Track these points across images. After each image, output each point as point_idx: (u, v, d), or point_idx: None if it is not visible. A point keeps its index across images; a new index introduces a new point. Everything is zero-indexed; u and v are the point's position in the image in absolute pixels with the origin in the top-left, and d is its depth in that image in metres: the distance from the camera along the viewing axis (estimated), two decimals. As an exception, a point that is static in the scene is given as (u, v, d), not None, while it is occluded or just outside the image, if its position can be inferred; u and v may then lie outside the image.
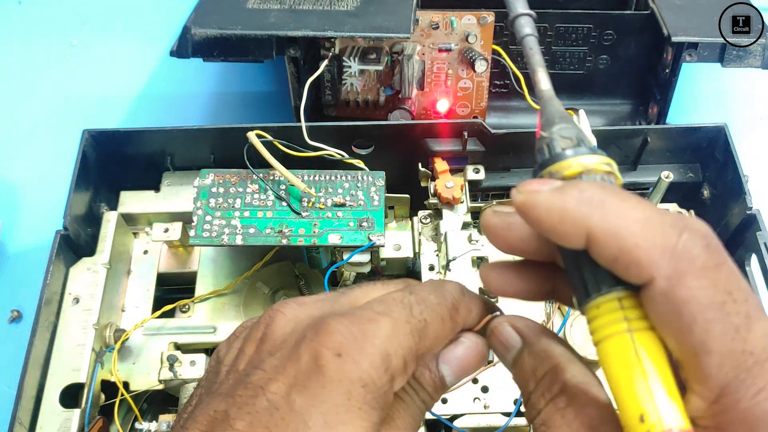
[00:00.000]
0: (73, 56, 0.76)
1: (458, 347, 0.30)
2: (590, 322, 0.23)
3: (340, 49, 0.56)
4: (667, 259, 0.21)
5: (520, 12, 0.29)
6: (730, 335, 0.21)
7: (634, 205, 0.22)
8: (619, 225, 0.22)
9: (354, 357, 0.26)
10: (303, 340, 0.27)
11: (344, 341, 0.26)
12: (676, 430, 0.21)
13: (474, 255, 0.51)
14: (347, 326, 0.27)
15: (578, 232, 0.22)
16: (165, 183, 0.55)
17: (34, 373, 0.45)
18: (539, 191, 0.24)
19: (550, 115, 0.27)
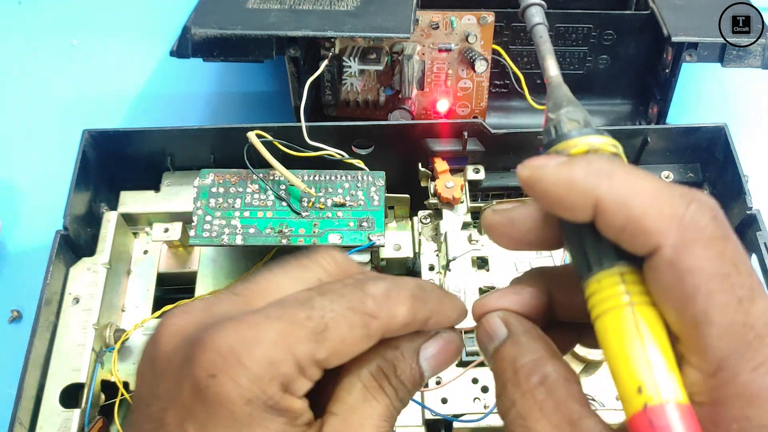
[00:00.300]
0: (73, 56, 0.76)
1: (435, 342, 0.28)
2: (590, 298, 0.23)
3: (340, 49, 0.56)
4: (674, 227, 0.21)
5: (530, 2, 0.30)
6: (732, 307, 0.21)
7: (642, 177, 0.22)
8: (627, 194, 0.22)
9: (229, 375, 0.24)
10: (186, 361, 0.25)
11: (217, 359, 0.24)
12: (673, 402, 0.21)
13: (474, 255, 0.51)
14: (223, 340, 0.24)
15: (585, 203, 0.22)
16: (165, 183, 0.55)
17: (34, 373, 0.45)
18: (546, 165, 0.24)
19: (558, 99, 0.27)
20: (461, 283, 0.50)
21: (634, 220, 0.22)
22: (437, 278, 0.50)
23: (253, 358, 0.24)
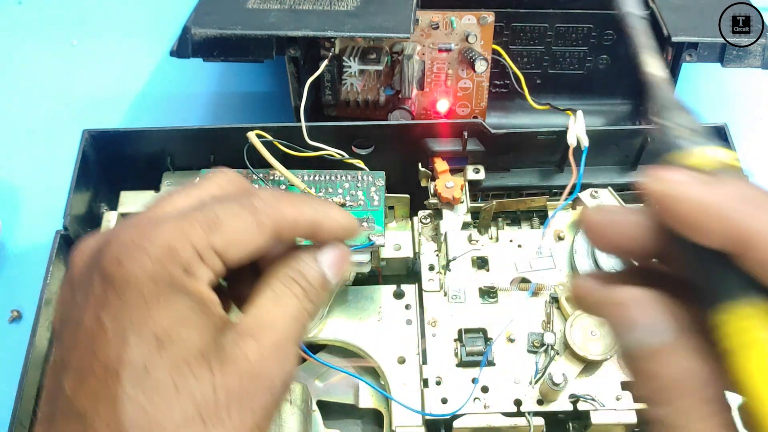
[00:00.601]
0: (73, 56, 0.76)
1: (330, 249, 0.32)
2: (719, 326, 0.21)
3: (340, 49, 0.56)
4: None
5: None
6: None
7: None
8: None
9: (133, 258, 0.27)
10: (92, 265, 0.28)
11: (121, 248, 0.27)
12: None
13: (474, 255, 0.51)
14: (125, 234, 0.28)
15: (725, 232, 0.21)
16: (165, 183, 0.55)
17: (34, 373, 0.45)
18: (684, 183, 0.22)
19: (666, 101, 0.25)
20: (461, 283, 0.50)
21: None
22: (437, 278, 0.50)
23: (154, 244, 0.27)
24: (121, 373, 0.26)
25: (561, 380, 0.43)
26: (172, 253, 0.27)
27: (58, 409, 0.27)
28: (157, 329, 0.27)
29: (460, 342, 0.48)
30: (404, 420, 0.45)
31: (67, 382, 0.27)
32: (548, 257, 0.51)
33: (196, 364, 0.27)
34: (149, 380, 0.26)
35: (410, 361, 0.47)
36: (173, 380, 0.26)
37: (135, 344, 0.26)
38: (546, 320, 0.49)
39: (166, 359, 0.27)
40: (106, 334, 0.27)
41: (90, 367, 0.26)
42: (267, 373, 0.28)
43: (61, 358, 0.28)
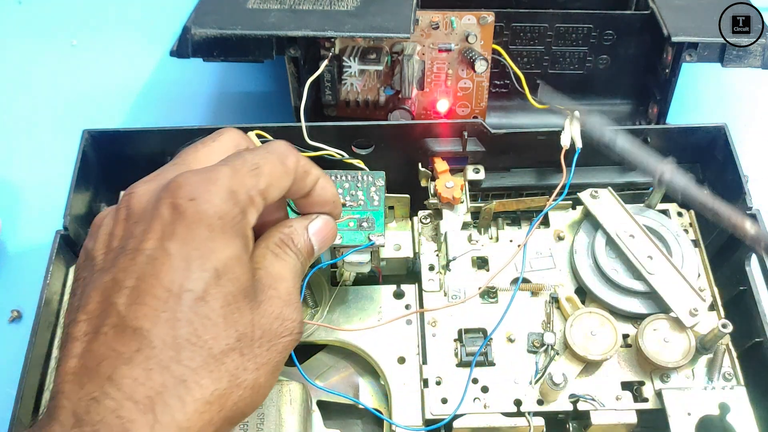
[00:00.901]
0: (73, 56, 0.76)
1: (319, 220, 0.38)
2: None
3: (340, 49, 0.56)
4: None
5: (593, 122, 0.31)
6: None
7: None
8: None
9: (205, 197, 0.31)
10: (159, 200, 0.32)
11: (193, 188, 0.31)
12: None
13: (474, 255, 0.51)
14: (192, 177, 0.32)
15: None
16: (165, 183, 0.55)
17: (34, 373, 0.45)
18: None
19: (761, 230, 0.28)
20: (461, 283, 0.50)
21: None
22: (437, 278, 0.50)
23: (220, 186, 0.32)
24: (183, 297, 0.30)
25: (561, 380, 0.43)
26: (233, 196, 0.32)
27: (106, 324, 0.29)
28: (217, 263, 0.31)
29: (460, 342, 0.48)
30: (405, 420, 0.45)
31: (120, 300, 0.30)
32: (548, 257, 0.51)
33: (242, 301, 0.32)
34: (205, 308, 0.30)
35: (410, 361, 0.47)
36: (223, 311, 0.31)
37: (198, 273, 0.30)
38: (546, 320, 0.48)
39: (220, 291, 0.31)
40: (170, 261, 0.30)
41: (151, 289, 0.30)
42: (287, 316, 0.34)
43: (112, 279, 0.30)
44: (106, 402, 0.28)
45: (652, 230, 0.50)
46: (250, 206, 0.33)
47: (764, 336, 0.46)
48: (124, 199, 0.34)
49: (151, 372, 0.28)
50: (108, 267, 0.31)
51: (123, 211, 0.33)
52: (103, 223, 0.34)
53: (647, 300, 0.48)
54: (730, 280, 0.51)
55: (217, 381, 0.30)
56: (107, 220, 0.34)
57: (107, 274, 0.31)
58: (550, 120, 0.60)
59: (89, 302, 0.30)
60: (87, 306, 0.30)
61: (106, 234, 0.33)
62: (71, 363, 0.29)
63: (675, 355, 0.45)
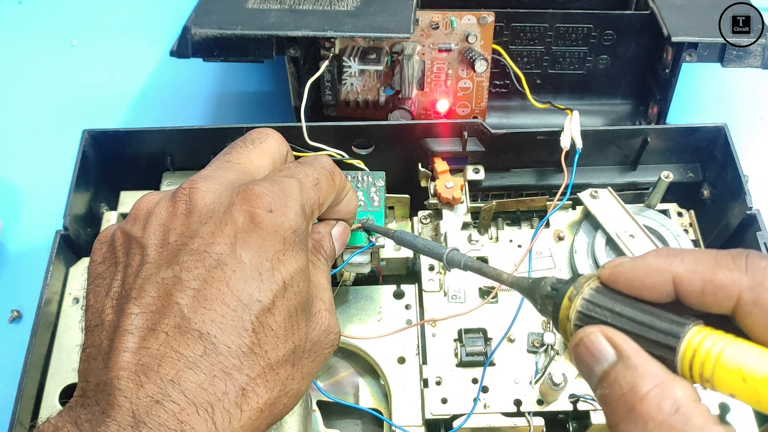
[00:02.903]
0: (73, 56, 0.76)
1: (338, 226, 0.40)
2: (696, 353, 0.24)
3: (340, 49, 0.56)
4: (744, 275, 0.25)
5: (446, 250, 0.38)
6: None
7: (698, 251, 0.27)
8: (696, 264, 0.26)
9: (282, 211, 0.32)
10: (233, 205, 0.32)
11: (271, 200, 0.32)
12: None
13: (474, 255, 0.51)
14: (268, 188, 0.33)
15: (665, 280, 0.26)
16: (165, 183, 0.55)
17: (34, 373, 0.45)
18: (622, 262, 0.27)
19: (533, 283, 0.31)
20: (461, 283, 0.50)
21: (710, 281, 0.25)
22: (437, 278, 0.50)
23: (294, 200, 0.33)
24: (252, 307, 0.30)
25: (561, 380, 0.43)
26: (303, 210, 0.34)
27: (166, 323, 0.29)
28: (286, 276, 0.31)
29: (460, 342, 0.48)
30: (405, 420, 0.45)
31: (184, 301, 0.29)
32: (548, 257, 0.51)
33: (301, 315, 0.32)
34: (270, 319, 0.31)
35: (410, 361, 0.47)
36: (285, 324, 0.31)
37: (268, 284, 0.31)
38: (546, 320, 0.48)
39: (285, 304, 0.31)
40: (242, 269, 0.30)
41: (219, 294, 0.30)
42: (333, 328, 0.35)
43: (175, 277, 0.30)
44: (169, 405, 0.27)
45: (652, 230, 0.50)
46: (311, 220, 0.35)
47: (764, 336, 0.46)
48: (182, 193, 0.33)
49: (215, 378, 0.29)
50: (167, 262, 0.31)
51: (183, 204, 0.33)
52: (155, 211, 0.33)
53: (647, 300, 0.48)
54: (730, 280, 0.51)
55: (271, 390, 0.30)
56: (161, 211, 0.33)
57: (167, 269, 0.30)
58: (550, 120, 0.60)
59: (143, 295, 0.30)
60: (141, 298, 0.30)
61: (160, 225, 0.32)
62: (125, 357, 0.29)
63: (675, 355, 0.45)
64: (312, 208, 0.35)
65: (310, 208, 0.35)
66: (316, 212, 0.36)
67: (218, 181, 0.34)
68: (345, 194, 0.40)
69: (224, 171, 0.35)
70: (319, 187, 0.36)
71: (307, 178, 0.35)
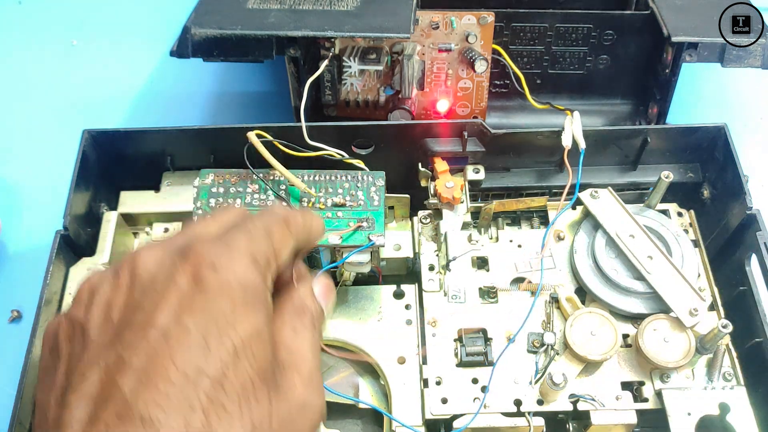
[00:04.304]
0: (73, 56, 0.76)
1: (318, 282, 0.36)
2: None
3: (340, 49, 0.56)
4: None
5: None
6: None
7: None
8: None
9: (227, 266, 0.29)
10: (174, 269, 0.29)
11: (214, 256, 0.29)
12: None
13: (474, 255, 0.51)
14: (212, 244, 0.30)
15: None
16: (165, 183, 0.55)
17: (34, 373, 0.45)
18: None
19: None
20: (461, 283, 0.50)
21: None
22: (437, 278, 0.50)
23: (241, 253, 0.30)
24: (200, 383, 0.26)
25: (561, 380, 0.43)
26: (255, 262, 0.30)
27: (108, 411, 0.26)
28: (236, 340, 0.28)
29: (460, 342, 0.48)
30: (405, 419, 0.45)
31: (126, 383, 0.26)
32: (548, 257, 0.51)
33: (260, 387, 0.28)
34: (222, 395, 0.27)
35: (410, 361, 0.47)
36: (239, 400, 0.27)
37: (216, 354, 0.27)
38: (546, 320, 0.48)
39: (239, 376, 0.28)
40: (188, 338, 0.27)
41: (164, 371, 0.26)
42: (311, 403, 0.31)
43: (117, 357, 0.27)
44: None
45: (652, 230, 0.50)
46: (267, 272, 0.31)
47: (764, 336, 0.46)
48: (125, 264, 0.30)
49: None
50: (109, 342, 0.28)
51: (125, 277, 0.30)
52: (98, 290, 0.30)
53: (647, 300, 0.48)
54: (730, 280, 0.51)
55: None
56: (104, 288, 0.30)
57: (109, 350, 0.27)
58: (550, 120, 0.60)
59: (83, 382, 0.27)
60: (81, 387, 0.27)
61: (103, 303, 0.30)
62: None
63: (675, 355, 0.45)
64: (267, 259, 0.31)
65: (265, 260, 0.31)
66: (272, 263, 0.32)
67: (162, 247, 0.31)
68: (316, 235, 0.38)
69: (172, 239, 0.32)
70: (271, 236, 0.32)
71: (255, 228, 0.32)
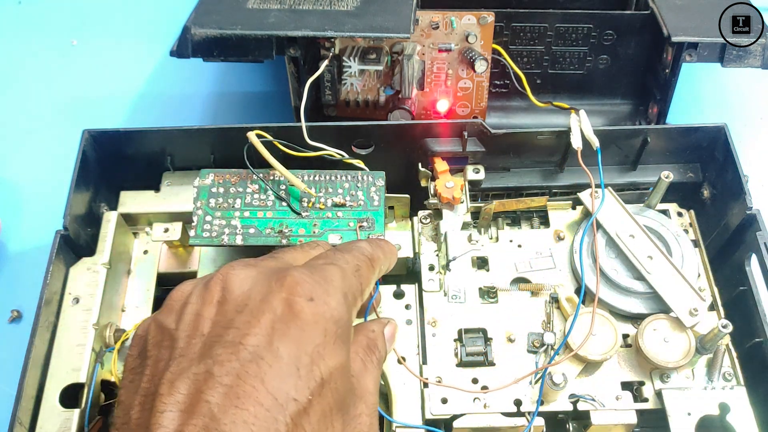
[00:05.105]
0: (73, 56, 0.76)
1: (390, 326, 0.39)
2: None
3: (340, 49, 0.56)
4: None
5: None
6: None
7: None
8: None
9: (324, 299, 0.30)
10: (270, 293, 0.30)
11: (312, 288, 0.30)
12: None
13: (474, 255, 0.51)
14: (308, 274, 0.31)
15: None
16: (165, 183, 0.55)
17: (34, 373, 0.45)
18: None
19: None
20: (461, 283, 0.50)
21: None
22: (437, 278, 0.50)
23: (336, 288, 0.31)
24: (288, 407, 0.27)
25: (561, 380, 0.43)
26: (346, 298, 0.32)
27: (194, 423, 0.26)
28: (325, 371, 0.29)
29: (460, 342, 0.48)
30: (405, 419, 0.45)
31: (214, 398, 0.27)
32: (548, 257, 0.51)
33: (336, 414, 0.30)
34: (304, 419, 0.28)
35: (410, 361, 0.47)
36: (318, 425, 0.29)
37: (305, 382, 0.28)
38: (546, 320, 0.48)
39: (320, 403, 0.29)
40: (279, 364, 0.28)
41: (253, 392, 0.27)
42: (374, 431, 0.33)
43: (206, 372, 0.28)
44: None
45: (652, 230, 0.50)
46: (354, 308, 0.33)
47: (764, 336, 0.46)
48: (217, 279, 0.31)
49: None
50: (199, 356, 0.29)
51: (217, 292, 0.31)
52: (189, 300, 0.31)
53: (647, 300, 0.48)
54: (730, 280, 0.51)
55: None
56: (194, 299, 0.31)
57: (199, 364, 0.28)
58: (551, 120, 0.60)
59: (173, 392, 0.28)
60: (171, 395, 0.28)
61: (193, 314, 0.30)
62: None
63: (675, 355, 0.45)
64: (354, 295, 0.33)
65: (353, 296, 0.33)
66: (359, 300, 0.34)
67: (257, 268, 0.32)
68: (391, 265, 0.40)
69: (265, 261, 0.34)
70: (360, 274, 0.34)
71: (348, 264, 0.34)
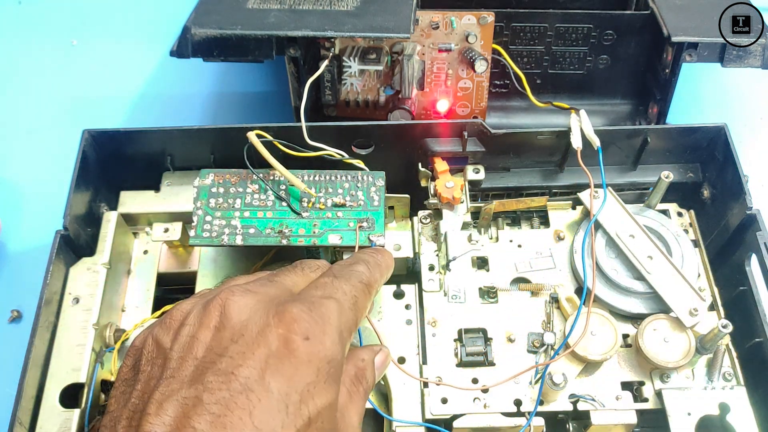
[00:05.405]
0: (73, 56, 0.76)
1: (381, 354, 0.39)
2: None
3: (340, 49, 0.56)
4: None
5: None
6: None
7: None
8: None
9: (320, 338, 0.30)
10: (268, 327, 0.30)
11: (309, 326, 0.30)
12: None
13: (474, 255, 0.51)
14: (307, 312, 0.31)
15: None
16: (165, 183, 0.55)
17: (34, 373, 0.45)
18: None
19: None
20: (461, 283, 0.50)
21: None
22: (437, 278, 0.50)
23: (332, 327, 0.31)
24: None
25: (561, 380, 0.43)
26: (341, 336, 0.32)
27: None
28: (313, 411, 0.29)
29: (460, 342, 0.48)
30: (405, 419, 0.45)
31: (200, 426, 0.27)
32: (548, 257, 0.51)
33: None
34: None
35: (410, 361, 0.47)
36: None
37: (293, 419, 0.28)
38: (546, 320, 0.48)
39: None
40: (268, 400, 0.28)
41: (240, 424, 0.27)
42: None
43: (196, 397, 0.28)
44: None
45: (652, 230, 0.50)
46: (348, 342, 0.33)
47: (764, 336, 0.46)
48: (216, 303, 0.31)
49: None
50: (190, 380, 0.29)
51: (215, 317, 0.31)
52: (187, 321, 0.32)
53: (647, 300, 0.48)
54: (730, 280, 0.51)
55: None
56: (192, 320, 0.31)
57: (189, 388, 0.28)
58: (551, 120, 0.60)
59: (161, 413, 0.28)
60: (158, 416, 0.28)
61: (189, 336, 0.31)
62: None
63: (675, 355, 0.45)
64: (350, 331, 0.33)
65: (348, 332, 0.33)
66: (353, 333, 0.34)
67: (257, 296, 0.32)
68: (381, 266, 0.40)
69: (265, 287, 0.34)
70: (357, 306, 0.34)
71: (345, 297, 0.34)
